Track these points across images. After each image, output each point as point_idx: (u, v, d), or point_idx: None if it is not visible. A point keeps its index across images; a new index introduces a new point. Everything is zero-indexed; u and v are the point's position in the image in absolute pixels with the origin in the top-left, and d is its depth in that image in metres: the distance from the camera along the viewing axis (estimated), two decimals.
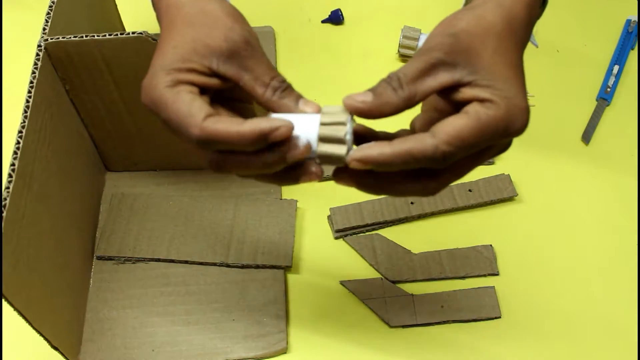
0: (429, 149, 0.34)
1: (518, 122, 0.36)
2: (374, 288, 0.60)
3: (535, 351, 0.57)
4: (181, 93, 0.37)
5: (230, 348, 0.57)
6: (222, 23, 0.39)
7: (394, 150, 0.35)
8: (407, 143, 0.35)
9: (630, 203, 0.67)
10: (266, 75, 0.39)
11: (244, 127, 0.35)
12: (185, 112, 0.36)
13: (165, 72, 0.38)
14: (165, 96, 0.37)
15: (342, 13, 0.84)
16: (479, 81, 0.36)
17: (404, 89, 0.37)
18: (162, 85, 0.37)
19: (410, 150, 0.35)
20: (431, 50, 0.37)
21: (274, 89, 0.38)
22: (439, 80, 0.36)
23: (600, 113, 0.73)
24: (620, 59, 0.78)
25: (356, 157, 0.35)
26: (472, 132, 0.34)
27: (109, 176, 0.69)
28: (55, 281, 0.53)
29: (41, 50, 0.53)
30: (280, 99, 0.38)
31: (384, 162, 0.35)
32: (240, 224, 0.64)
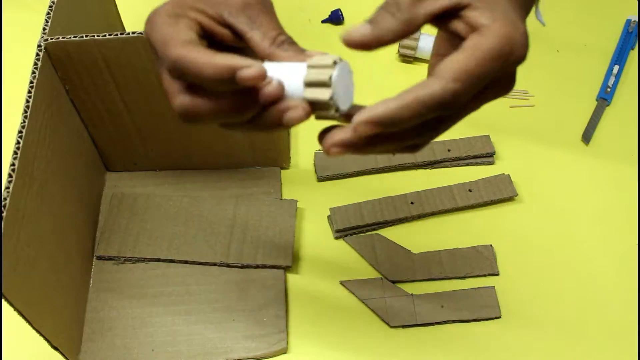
0: (438, 91, 0.32)
1: (519, 45, 0.34)
2: (374, 288, 0.60)
3: (535, 351, 0.57)
4: (178, 23, 0.36)
5: (230, 348, 0.57)
6: None
7: (401, 103, 0.32)
8: (412, 91, 0.33)
9: (630, 203, 0.67)
10: (274, 31, 0.38)
11: (216, 59, 0.34)
12: (170, 34, 0.36)
13: (169, 8, 0.37)
14: (161, 20, 0.37)
15: (342, 13, 0.84)
16: (477, 3, 0.34)
17: (402, 11, 0.35)
18: (164, 11, 0.37)
19: (418, 97, 0.32)
20: None
21: (280, 43, 0.38)
22: (439, 2, 0.35)
23: (600, 113, 0.73)
24: (620, 59, 0.78)
25: (361, 119, 0.33)
26: (475, 62, 0.33)
27: (109, 176, 0.69)
28: (55, 281, 0.53)
29: (41, 50, 0.53)
30: (284, 51, 0.37)
31: (393, 118, 0.33)
32: (240, 224, 0.64)
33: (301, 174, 0.69)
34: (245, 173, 0.68)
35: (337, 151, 0.35)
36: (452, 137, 0.70)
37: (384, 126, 0.33)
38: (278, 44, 0.38)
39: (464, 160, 0.70)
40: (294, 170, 0.70)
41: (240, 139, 0.65)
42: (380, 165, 0.68)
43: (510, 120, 0.73)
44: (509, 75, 0.36)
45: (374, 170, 0.69)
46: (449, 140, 0.70)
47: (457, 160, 0.69)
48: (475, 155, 0.69)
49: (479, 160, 0.70)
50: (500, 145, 0.71)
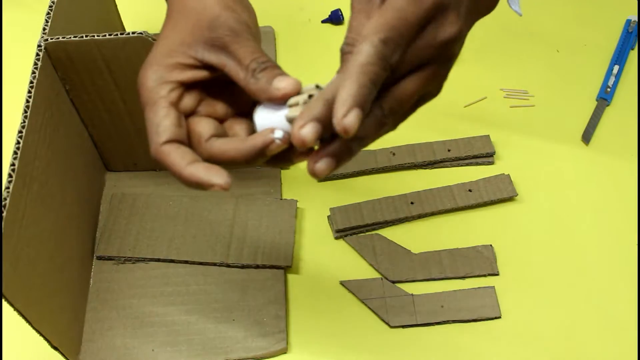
0: (370, 48, 0.33)
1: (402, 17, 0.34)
2: (374, 288, 0.60)
3: (535, 351, 0.57)
4: (159, 101, 0.39)
5: (230, 348, 0.57)
6: (210, 12, 0.39)
7: (354, 77, 0.33)
8: (353, 62, 0.33)
9: (630, 203, 0.67)
10: (247, 58, 0.38)
11: (185, 171, 0.36)
12: (154, 126, 0.38)
13: (152, 68, 0.40)
14: (147, 98, 0.39)
15: (342, 13, 0.84)
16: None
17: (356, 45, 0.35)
18: (147, 83, 0.39)
19: (362, 62, 0.33)
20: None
21: (252, 71, 0.38)
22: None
23: (600, 113, 0.73)
24: (620, 59, 0.78)
25: (343, 112, 0.32)
26: (391, 14, 0.34)
27: (109, 176, 0.69)
28: (55, 281, 0.53)
29: (41, 50, 0.53)
30: (257, 81, 0.37)
31: (362, 92, 0.33)
32: (240, 224, 0.64)
33: (301, 174, 0.69)
34: (245, 173, 0.68)
35: (321, 168, 0.35)
36: (452, 137, 0.70)
37: (362, 106, 0.33)
38: (252, 71, 0.38)
39: (464, 160, 0.70)
40: (294, 170, 0.70)
41: None
42: (380, 165, 0.68)
43: (510, 120, 0.73)
44: (445, 55, 0.36)
45: (374, 170, 0.69)
46: (449, 140, 0.70)
47: (457, 160, 0.69)
48: (475, 155, 0.69)
49: (479, 160, 0.70)
50: (500, 145, 0.71)
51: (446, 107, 0.75)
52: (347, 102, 0.32)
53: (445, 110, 0.74)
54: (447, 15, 0.35)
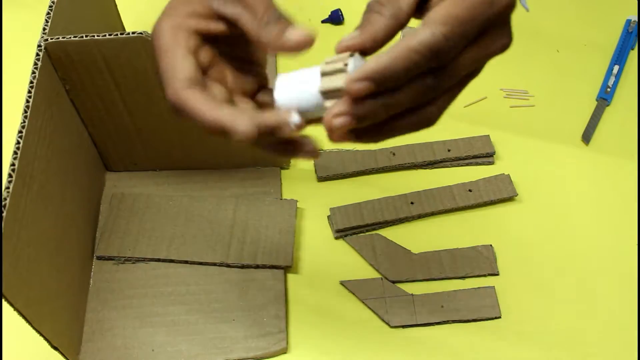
0: (428, 37, 0.32)
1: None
2: (374, 288, 0.60)
3: (535, 351, 0.57)
4: (178, 46, 0.37)
5: (230, 348, 0.57)
6: None
7: (392, 54, 0.32)
8: (403, 42, 0.32)
9: (630, 203, 0.67)
10: (261, 10, 0.37)
11: (208, 114, 0.34)
12: (171, 69, 0.36)
13: (168, 17, 0.38)
14: (163, 43, 0.37)
15: (342, 13, 0.84)
16: None
17: (386, 6, 0.35)
18: (164, 29, 0.37)
19: (409, 46, 0.32)
20: None
21: (265, 24, 0.37)
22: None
23: (600, 113, 0.73)
24: (620, 59, 0.78)
25: (354, 77, 0.32)
26: (460, 6, 0.32)
27: (109, 176, 0.69)
28: (55, 281, 0.53)
29: (41, 50, 0.53)
30: (268, 33, 0.37)
31: (385, 71, 0.32)
32: (240, 224, 0.64)
33: (301, 174, 0.69)
34: (245, 173, 0.68)
35: (341, 126, 0.34)
36: (452, 137, 0.70)
37: (379, 82, 0.32)
38: (264, 24, 0.37)
39: (464, 160, 0.70)
40: (294, 170, 0.70)
41: None
42: (380, 165, 0.68)
43: (510, 120, 0.73)
44: (501, 22, 0.35)
45: (374, 170, 0.69)
46: (449, 140, 0.70)
47: (457, 160, 0.69)
48: (475, 155, 0.69)
49: (479, 160, 0.70)
50: (500, 145, 0.71)
51: None
52: (364, 72, 0.32)
53: (446, 110, 0.74)
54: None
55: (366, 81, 0.32)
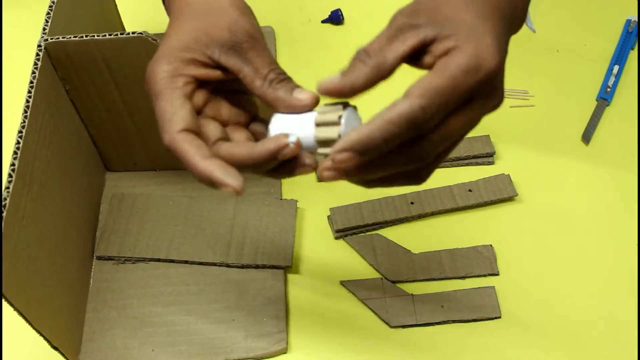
0: (406, 109, 0.33)
1: (488, 59, 0.34)
2: (374, 288, 0.60)
3: (535, 351, 0.57)
4: (175, 91, 0.38)
5: (230, 348, 0.57)
6: (228, 15, 0.39)
7: (371, 126, 0.34)
8: (382, 115, 0.34)
9: (630, 203, 0.67)
10: (265, 67, 0.39)
11: (201, 164, 0.36)
12: (168, 114, 0.37)
13: (166, 60, 0.38)
14: (160, 88, 0.38)
15: (342, 13, 0.84)
16: (443, 32, 0.35)
17: (371, 58, 0.36)
18: (161, 74, 0.38)
19: (388, 118, 0.33)
20: (395, 17, 0.37)
21: (270, 81, 0.39)
22: (406, 43, 0.36)
23: (600, 113, 0.73)
24: (620, 59, 0.78)
25: (337, 148, 0.34)
26: (442, 80, 0.33)
27: (109, 176, 0.69)
28: (55, 281, 0.53)
29: (41, 50, 0.53)
30: (275, 91, 0.38)
31: (366, 142, 0.34)
32: (240, 224, 0.64)
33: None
34: (245, 173, 0.68)
35: (330, 179, 0.36)
36: None
37: (360, 152, 0.34)
38: (269, 81, 0.39)
39: (464, 160, 0.70)
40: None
41: None
42: None
43: (510, 120, 0.73)
44: (490, 87, 0.36)
45: None
46: None
47: (457, 160, 0.69)
48: (475, 155, 0.69)
49: (479, 160, 0.70)
50: (500, 145, 0.71)
51: None
52: (346, 143, 0.34)
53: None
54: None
55: (349, 152, 0.34)
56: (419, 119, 0.33)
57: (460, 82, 0.34)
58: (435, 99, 0.33)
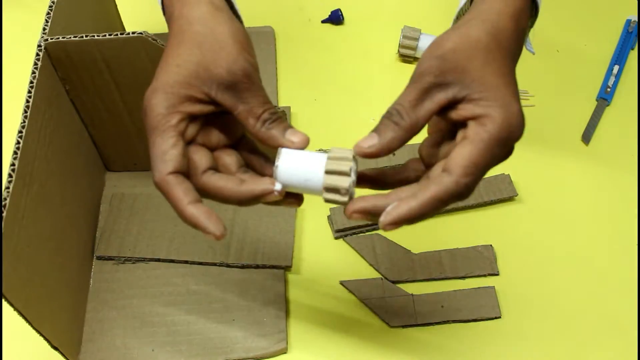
0: (452, 187, 0.37)
1: (516, 127, 0.38)
2: (374, 288, 0.60)
3: (535, 351, 0.57)
4: (169, 130, 0.39)
5: (230, 348, 0.57)
6: (228, 52, 0.40)
7: (421, 203, 0.37)
8: (429, 190, 0.37)
9: (630, 203, 0.67)
10: (260, 107, 0.40)
11: (187, 209, 0.39)
12: (160, 153, 0.39)
13: (164, 94, 0.40)
14: (156, 123, 0.40)
15: (342, 13, 0.84)
16: (472, 95, 0.37)
17: (404, 119, 0.38)
18: (158, 109, 0.40)
19: (436, 195, 0.37)
20: (422, 75, 0.39)
21: (263, 121, 0.40)
22: (435, 102, 0.38)
23: (600, 113, 0.73)
24: (620, 59, 0.79)
25: (388, 221, 0.37)
26: (481, 154, 0.37)
27: (109, 176, 0.69)
28: (55, 281, 0.53)
29: (41, 50, 0.53)
30: (268, 130, 0.40)
31: (416, 216, 0.37)
32: (240, 224, 0.64)
33: None
34: None
35: (358, 217, 0.39)
36: None
37: (408, 223, 0.38)
38: (263, 121, 0.40)
39: None
40: None
41: None
42: (380, 165, 0.68)
43: None
44: (508, 150, 0.39)
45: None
46: None
47: None
48: None
49: None
50: None
51: None
52: (398, 218, 0.37)
53: None
54: None
55: (398, 224, 0.38)
56: (463, 194, 0.38)
57: (496, 154, 0.38)
58: (478, 174, 0.37)
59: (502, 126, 0.37)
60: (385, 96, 0.76)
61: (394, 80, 0.77)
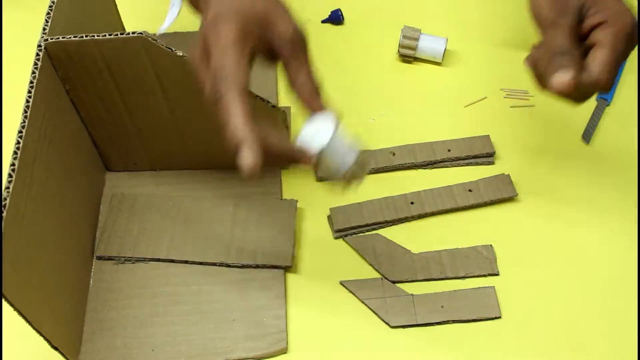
0: (593, 79, 0.49)
1: (627, 21, 0.49)
2: (374, 288, 0.60)
3: (535, 351, 0.57)
4: (245, 49, 0.42)
5: (230, 348, 0.57)
6: (287, 15, 0.46)
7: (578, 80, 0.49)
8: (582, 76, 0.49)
9: (630, 203, 0.67)
10: (310, 66, 0.48)
11: (240, 127, 0.40)
12: (233, 67, 0.41)
13: (241, 22, 0.42)
14: (230, 42, 0.42)
15: (342, 13, 0.84)
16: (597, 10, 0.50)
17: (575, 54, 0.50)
18: (233, 30, 0.42)
19: (582, 81, 0.49)
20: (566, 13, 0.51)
21: (303, 85, 0.47)
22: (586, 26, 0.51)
23: (600, 113, 0.73)
24: None
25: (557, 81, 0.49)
26: (610, 52, 0.48)
27: (109, 176, 0.69)
28: (55, 281, 0.53)
29: (41, 50, 0.53)
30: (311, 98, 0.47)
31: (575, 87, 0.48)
32: (240, 224, 0.64)
33: (301, 173, 0.69)
34: None
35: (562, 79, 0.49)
36: (452, 137, 0.70)
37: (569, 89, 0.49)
38: (305, 85, 0.46)
39: (464, 160, 0.70)
40: (293, 170, 0.70)
41: None
42: (380, 165, 0.68)
43: (510, 120, 0.73)
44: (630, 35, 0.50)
45: (374, 170, 0.69)
46: (449, 140, 0.70)
47: (457, 160, 0.69)
48: (475, 155, 0.69)
49: (479, 160, 0.70)
50: (500, 145, 0.71)
51: (446, 107, 0.75)
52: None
53: (445, 110, 0.74)
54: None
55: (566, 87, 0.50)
56: (605, 85, 0.50)
57: (620, 46, 0.49)
58: (612, 70, 0.49)
59: (617, 24, 0.48)
60: (385, 96, 0.76)
61: (394, 80, 0.77)
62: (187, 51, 0.50)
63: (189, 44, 0.75)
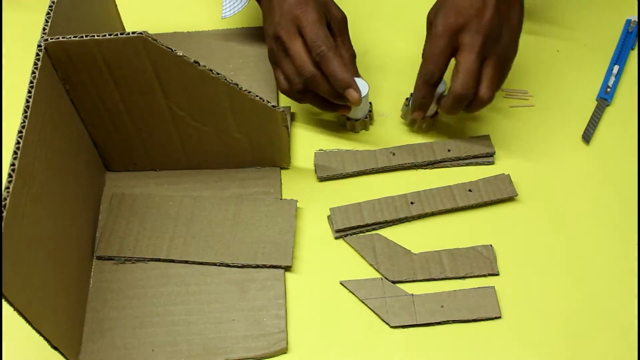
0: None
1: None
2: (374, 288, 0.60)
3: (535, 351, 0.57)
4: (326, 31, 0.64)
5: (230, 348, 0.57)
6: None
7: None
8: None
9: (630, 203, 0.67)
10: (349, 47, 0.70)
11: (346, 75, 0.62)
12: (324, 34, 0.63)
13: (312, 3, 0.63)
14: (317, 17, 0.63)
15: None
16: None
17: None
18: (315, 14, 0.63)
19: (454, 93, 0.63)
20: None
21: (349, 60, 0.69)
22: None
23: (600, 113, 0.73)
24: (620, 59, 0.78)
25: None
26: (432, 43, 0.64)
27: (109, 176, 0.69)
28: (55, 281, 0.53)
29: (41, 50, 0.53)
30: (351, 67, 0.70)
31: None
32: (240, 224, 0.64)
33: (301, 174, 0.69)
34: (245, 173, 0.68)
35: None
36: (452, 137, 0.70)
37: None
38: (348, 60, 0.68)
39: (464, 160, 0.70)
40: (294, 170, 0.70)
41: (240, 139, 0.65)
42: (380, 165, 0.68)
43: (510, 120, 0.73)
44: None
45: (374, 170, 0.69)
46: (449, 140, 0.70)
47: (457, 160, 0.69)
48: (475, 155, 0.69)
49: (479, 160, 0.70)
50: (500, 145, 0.71)
51: None
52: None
53: None
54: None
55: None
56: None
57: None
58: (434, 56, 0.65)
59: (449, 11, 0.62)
60: (385, 96, 0.76)
61: (394, 80, 0.77)
62: (266, 31, 0.66)
63: (189, 44, 0.75)
